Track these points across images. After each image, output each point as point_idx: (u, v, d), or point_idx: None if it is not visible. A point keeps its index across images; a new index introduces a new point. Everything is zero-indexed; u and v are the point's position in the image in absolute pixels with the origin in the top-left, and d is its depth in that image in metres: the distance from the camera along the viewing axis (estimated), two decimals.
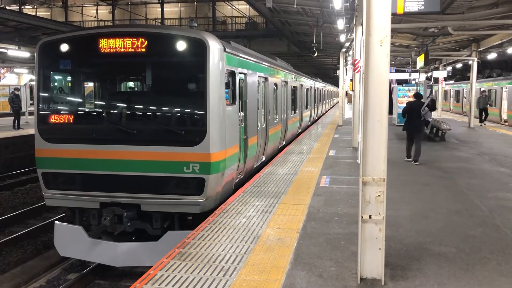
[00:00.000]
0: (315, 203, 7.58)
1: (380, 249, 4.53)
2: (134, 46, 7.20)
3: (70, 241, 7.57)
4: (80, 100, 8.20)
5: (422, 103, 11.94)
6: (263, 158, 11.45)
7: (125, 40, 7.22)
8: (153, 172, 7.15)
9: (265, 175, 9.93)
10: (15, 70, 33.28)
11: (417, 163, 11.52)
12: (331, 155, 13.09)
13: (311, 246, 5.55)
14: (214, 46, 7.16)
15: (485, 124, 24.13)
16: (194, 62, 7.32)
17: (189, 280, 4.58)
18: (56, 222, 7.87)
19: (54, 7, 43.76)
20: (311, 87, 23.89)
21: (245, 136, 9.12)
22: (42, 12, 44.12)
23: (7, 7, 32.08)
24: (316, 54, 23.01)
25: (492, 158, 12.65)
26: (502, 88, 26.62)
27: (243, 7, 34.09)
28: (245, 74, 9.11)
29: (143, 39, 7.18)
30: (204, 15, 41.84)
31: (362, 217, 4.52)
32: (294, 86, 17.21)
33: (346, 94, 29.66)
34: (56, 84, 8.25)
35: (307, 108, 22.05)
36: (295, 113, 17.58)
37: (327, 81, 49.74)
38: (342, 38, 20.31)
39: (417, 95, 12.13)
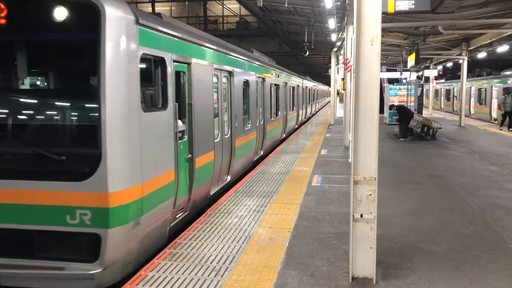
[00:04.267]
0: (307, 202, 7.58)
1: (371, 248, 4.53)
2: None
3: None
4: None
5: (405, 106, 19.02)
6: (228, 178, 8.86)
7: None
8: (17, 223, 4.50)
9: (257, 174, 9.91)
10: None
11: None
12: (323, 154, 13.11)
13: (303, 246, 5.54)
14: (115, 14, 4.45)
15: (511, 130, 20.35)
16: (81, 40, 4.63)
17: (180, 280, 4.55)
18: None
19: None
20: (298, 85, 21.86)
21: (190, 155, 6.37)
22: None
23: None
24: (307, 53, 23.02)
25: (482, 157, 12.73)
26: (492, 87, 26.84)
27: (234, 6, 34.00)
28: (189, 64, 6.37)
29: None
30: (195, 14, 41.72)
31: (353, 216, 4.52)
32: (275, 84, 14.98)
33: (338, 93, 29.68)
34: None
35: (293, 109, 19.79)
36: (276, 116, 15.17)
37: (319, 80, 49.83)
38: (334, 37, 20.34)
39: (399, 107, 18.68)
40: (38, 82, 5.27)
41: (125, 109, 4.55)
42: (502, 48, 22.26)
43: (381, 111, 23.72)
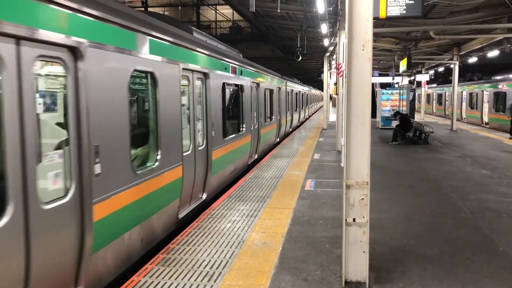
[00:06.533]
0: (300, 207, 7.58)
1: (364, 252, 4.54)
2: None
3: None
4: None
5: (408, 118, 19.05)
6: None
7: None
8: None
9: (250, 179, 9.91)
10: None
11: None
12: (316, 158, 13.14)
13: (296, 250, 5.54)
14: None
15: None
16: None
17: (173, 286, 4.53)
18: None
19: None
20: (279, 88, 17.66)
21: None
22: None
23: None
24: (300, 58, 23.07)
25: (474, 161, 12.82)
26: (483, 91, 27.07)
27: (227, 11, 34.08)
28: None
29: None
30: (188, 19, 41.76)
31: (346, 220, 4.53)
32: (237, 85, 10.78)
33: (331, 97, 29.73)
34: None
35: (271, 120, 15.59)
36: (240, 131, 10.80)
37: (311, 85, 49.96)
38: (326, 42, 20.42)
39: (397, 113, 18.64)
40: None
41: None
42: (493, 53, 22.44)
43: (373, 115, 23.91)
